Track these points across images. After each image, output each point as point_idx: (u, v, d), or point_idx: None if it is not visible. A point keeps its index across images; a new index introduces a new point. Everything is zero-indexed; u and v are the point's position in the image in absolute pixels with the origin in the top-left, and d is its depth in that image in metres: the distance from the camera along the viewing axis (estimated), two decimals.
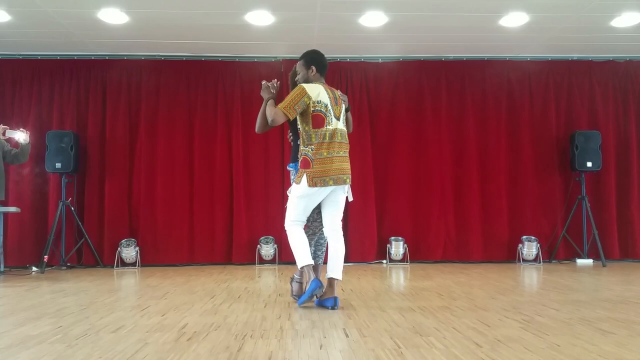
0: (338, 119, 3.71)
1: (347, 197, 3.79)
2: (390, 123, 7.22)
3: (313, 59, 3.80)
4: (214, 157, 7.07)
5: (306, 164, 3.62)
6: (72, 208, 6.78)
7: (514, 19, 6.04)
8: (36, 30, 6.29)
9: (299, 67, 3.86)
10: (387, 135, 7.20)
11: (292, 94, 3.63)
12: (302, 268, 3.67)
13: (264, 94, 3.80)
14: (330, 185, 3.61)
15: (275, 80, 3.87)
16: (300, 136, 3.70)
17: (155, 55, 7.15)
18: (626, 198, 7.18)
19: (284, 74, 6.96)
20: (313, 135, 3.62)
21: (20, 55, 7.05)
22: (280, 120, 3.60)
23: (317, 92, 3.64)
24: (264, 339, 2.69)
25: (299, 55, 3.92)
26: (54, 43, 6.73)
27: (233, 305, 3.75)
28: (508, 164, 7.23)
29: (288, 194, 3.81)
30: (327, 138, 3.62)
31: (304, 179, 3.61)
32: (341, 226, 3.80)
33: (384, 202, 7.15)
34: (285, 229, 3.77)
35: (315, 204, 3.73)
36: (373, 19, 6.00)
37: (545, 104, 7.29)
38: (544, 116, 7.27)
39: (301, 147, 3.69)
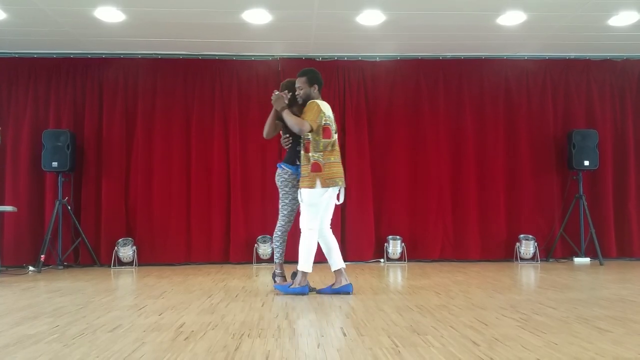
0: (336, 131, 4.25)
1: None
2: (388, 122, 7.21)
3: (316, 78, 4.25)
4: (211, 156, 7.06)
5: (317, 168, 4.07)
6: (69, 207, 6.76)
7: (512, 18, 6.04)
8: (32, 28, 6.26)
9: (301, 83, 4.24)
10: (384, 134, 7.19)
11: (312, 109, 4.08)
12: (303, 272, 4.14)
13: (278, 104, 4.19)
14: (339, 185, 4.12)
15: (287, 91, 4.24)
16: (310, 144, 4.11)
17: (152, 54, 7.13)
18: (623, 196, 7.19)
19: (281, 73, 6.94)
20: (322, 144, 4.10)
21: (16, 53, 7.02)
22: (307, 130, 4.04)
23: (327, 108, 4.20)
24: (262, 338, 2.69)
25: (296, 53, 3.97)
26: (50, 41, 6.70)
27: (230, 305, 3.74)
28: (505, 162, 7.22)
29: (300, 201, 4.17)
30: (331, 146, 4.14)
31: (318, 182, 4.04)
32: None
33: (382, 200, 7.15)
34: (302, 231, 4.16)
35: (325, 206, 4.15)
36: (371, 18, 5.99)
37: (543, 103, 7.29)
38: (541, 115, 7.27)
39: (311, 154, 4.10)
